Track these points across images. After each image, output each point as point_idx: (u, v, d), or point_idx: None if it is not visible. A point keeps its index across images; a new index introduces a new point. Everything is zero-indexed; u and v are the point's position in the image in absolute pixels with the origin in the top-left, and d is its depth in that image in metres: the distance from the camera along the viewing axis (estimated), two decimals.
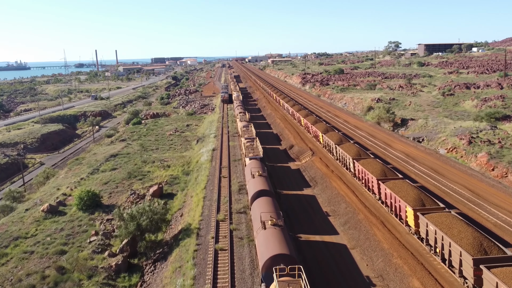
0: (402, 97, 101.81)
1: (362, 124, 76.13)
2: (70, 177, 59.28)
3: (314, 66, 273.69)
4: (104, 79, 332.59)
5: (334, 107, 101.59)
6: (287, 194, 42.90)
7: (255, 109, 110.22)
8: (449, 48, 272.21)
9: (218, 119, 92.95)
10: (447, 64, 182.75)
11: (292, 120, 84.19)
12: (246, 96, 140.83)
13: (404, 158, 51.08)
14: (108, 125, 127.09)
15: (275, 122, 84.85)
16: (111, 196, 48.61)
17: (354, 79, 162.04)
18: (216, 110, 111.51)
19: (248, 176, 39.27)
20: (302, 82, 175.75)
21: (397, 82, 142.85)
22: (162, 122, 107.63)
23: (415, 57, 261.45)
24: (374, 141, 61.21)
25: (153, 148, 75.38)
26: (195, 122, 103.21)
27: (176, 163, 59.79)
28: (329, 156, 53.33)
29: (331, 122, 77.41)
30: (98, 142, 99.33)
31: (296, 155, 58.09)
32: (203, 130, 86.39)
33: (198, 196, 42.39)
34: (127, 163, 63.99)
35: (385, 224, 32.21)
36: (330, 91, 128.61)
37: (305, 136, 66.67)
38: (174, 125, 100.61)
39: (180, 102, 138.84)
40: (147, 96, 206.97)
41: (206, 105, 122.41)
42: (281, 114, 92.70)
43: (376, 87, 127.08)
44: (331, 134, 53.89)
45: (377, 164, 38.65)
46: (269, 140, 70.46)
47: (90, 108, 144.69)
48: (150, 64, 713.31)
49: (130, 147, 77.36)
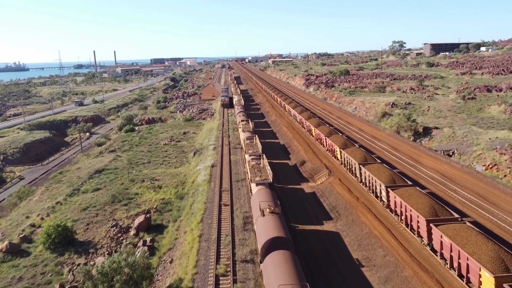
0: (418, 101, 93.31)
1: (379, 134, 67.65)
2: (45, 200, 50.78)
3: (317, 67, 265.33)
4: (101, 81, 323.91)
5: (344, 112, 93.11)
6: (304, 230, 34.41)
7: (258, 115, 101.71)
8: (456, 48, 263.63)
9: (218, 127, 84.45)
10: (458, 64, 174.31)
11: (300, 128, 75.71)
12: (247, 99, 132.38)
13: (440, 180, 42.58)
14: (100, 132, 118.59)
15: (281, 130, 76.33)
16: (88, 229, 40.11)
17: (361, 81, 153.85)
18: (216, 115, 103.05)
19: (256, 211, 30.81)
20: (306, 83, 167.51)
21: (407, 84, 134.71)
22: (157, 129, 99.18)
23: (422, 57, 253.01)
24: (399, 156, 52.70)
25: (144, 161, 66.90)
26: (193, 129, 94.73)
27: (168, 183, 51.28)
28: (349, 176, 44.82)
29: (345, 131, 68.92)
30: (87, 151, 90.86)
31: (309, 173, 49.58)
32: (201, 140, 77.90)
33: (193, 234, 33.90)
34: (113, 181, 55.51)
35: None
36: (337, 94, 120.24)
37: (317, 149, 58.12)
38: (170, 133, 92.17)
39: (177, 106, 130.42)
40: (144, 99, 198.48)
41: (205, 110, 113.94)
42: (287, 121, 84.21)
43: (386, 90, 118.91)
44: (352, 151, 45.29)
45: (421, 197, 30.11)
46: (276, 152, 61.97)
47: (82, 113, 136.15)
48: (149, 65, 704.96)
49: (119, 160, 68.88)
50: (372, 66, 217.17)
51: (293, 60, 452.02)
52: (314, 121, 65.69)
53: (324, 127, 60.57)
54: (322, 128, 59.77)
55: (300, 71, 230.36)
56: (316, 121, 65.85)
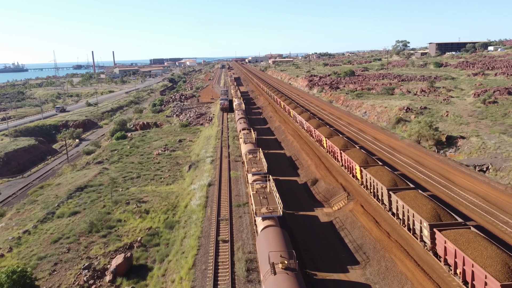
0: (433, 105, 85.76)
1: (398, 144, 60.07)
2: (12, 227, 43.19)
3: (319, 67, 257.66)
4: (98, 82, 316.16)
5: (354, 118, 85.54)
6: (324, 281, 26.82)
7: (260, 120, 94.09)
8: (463, 47, 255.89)
9: (217, 134, 76.85)
10: (468, 64, 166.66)
11: (308, 137, 68.10)
12: (248, 102, 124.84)
13: (488, 209, 34.92)
14: (91, 138, 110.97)
15: (287, 139, 68.71)
16: (55, 271, 32.50)
17: (367, 82, 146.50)
18: (215, 121, 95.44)
19: (264, 263, 23.20)
20: (309, 85, 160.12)
21: (416, 85, 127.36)
22: (151, 135, 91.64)
23: (427, 57, 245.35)
24: (427, 173, 45.08)
25: (133, 175, 59.30)
26: (190, 136, 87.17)
27: (157, 206, 43.66)
28: (374, 202, 37.23)
29: (359, 141, 61.33)
30: (73, 161, 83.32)
31: (323, 195, 41.96)
32: (198, 150, 70.33)
33: (182, 287, 26.36)
34: (95, 202, 47.97)
35: None
36: (343, 97, 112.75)
37: (330, 165, 50.47)
38: (165, 140, 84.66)
39: (174, 110, 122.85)
40: (140, 101, 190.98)
41: (203, 115, 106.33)
42: (293, 128, 76.63)
43: (395, 92, 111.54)
44: (377, 171, 37.50)
45: (486, 246, 22.46)
46: (282, 167, 54.37)
47: (73, 117, 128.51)
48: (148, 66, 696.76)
49: (106, 174, 61.30)
50: (377, 67, 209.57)
51: (293, 60, 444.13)
52: (324, 131, 58.04)
53: (337, 138, 52.83)
54: (335, 139, 52.05)
55: (302, 71, 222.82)
56: (327, 130, 58.18)
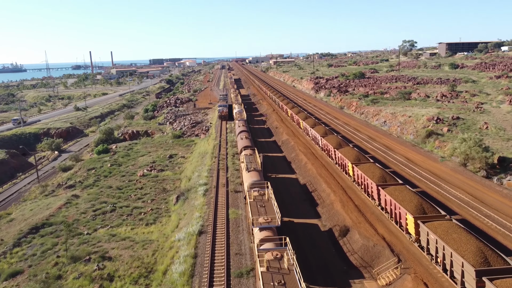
0: (466, 114, 73.46)
1: (440, 168, 47.75)
2: None
3: (323, 68, 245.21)
4: (92, 83, 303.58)
5: (374, 129, 73.33)
6: None
7: (264, 131, 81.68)
8: (474, 47, 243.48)
9: (213, 151, 64.48)
10: (486, 66, 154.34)
11: (324, 156, 55.76)
12: (249, 108, 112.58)
13: None
14: (74, 149, 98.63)
15: (298, 158, 56.30)
16: None
17: (379, 85, 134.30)
18: (212, 131, 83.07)
19: None
20: (315, 88, 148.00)
21: (433, 88, 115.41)
22: (138, 149, 79.37)
23: (438, 58, 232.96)
24: (500, 221, 32.69)
25: (107, 209, 46.99)
26: (182, 150, 74.90)
27: (126, 269, 31.25)
28: (439, 274, 24.94)
29: (390, 164, 49.01)
30: (46, 180, 71.04)
31: (360, 258, 29.51)
32: (190, 171, 58.02)
33: None
34: (47, 254, 35.69)
35: None
36: (356, 102, 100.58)
37: (363, 203, 37.96)
38: (153, 155, 72.47)
39: (167, 117, 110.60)
40: (134, 105, 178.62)
41: (198, 123, 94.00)
42: (304, 143, 64.29)
43: (412, 96, 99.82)
44: (446, 230, 25.08)
45: None
46: (295, 200, 42.04)
47: (56, 124, 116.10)
48: (147, 66, 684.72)
49: (74, 205, 49.00)
50: (386, 68, 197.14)
51: (295, 61, 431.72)
52: (349, 152, 45.54)
53: (370, 166, 39.88)
54: (366, 168, 39.27)
55: (306, 73, 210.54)
56: (352, 152, 45.59)
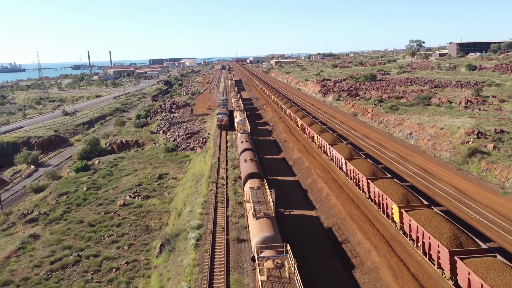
0: (508, 125, 62.23)
1: (504, 205, 36.43)
2: None
3: (328, 69, 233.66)
4: (87, 85, 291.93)
5: (402, 144, 62.01)
6: None
7: (270, 145, 70.20)
8: (487, 48, 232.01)
9: (211, 173, 52.96)
10: (508, 67, 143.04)
11: (349, 185, 44.38)
12: (252, 114, 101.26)
13: None
14: (54, 162, 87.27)
15: (316, 187, 44.86)
16: None
17: (392, 88, 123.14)
18: (210, 144, 71.63)
19: None
20: (322, 91, 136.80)
21: (454, 93, 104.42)
22: (124, 165, 68.13)
23: (449, 58, 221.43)
24: None
25: (69, 259, 35.68)
26: (174, 168, 63.59)
27: None
28: None
29: (437, 197, 37.72)
30: (11, 206, 59.74)
31: None
32: (181, 201, 46.65)
33: None
34: None
35: None
36: (372, 109, 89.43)
37: (422, 271, 26.77)
38: (140, 174, 61.27)
39: (161, 124, 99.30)
40: (128, 108, 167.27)
41: (195, 133, 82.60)
42: (322, 164, 52.81)
43: (432, 102, 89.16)
44: None
45: None
46: (320, 257, 30.70)
47: (38, 132, 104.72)
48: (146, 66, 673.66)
49: (30, 250, 37.76)
50: (396, 69, 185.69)
51: (297, 61, 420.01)
52: (393, 190, 33.93)
53: (431, 215, 28.21)
54: (427, 219, 27.67)
55: (311, 74, 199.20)
56: (398, 189, 33.74)
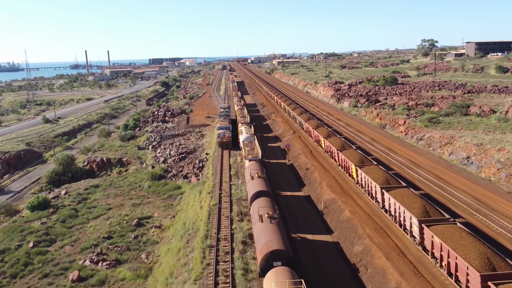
0: None
1: None
2: None
3: (336, 70, 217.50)
4: (79, 86, 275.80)
5: (465, 176, 45.94)
6: None
7: (286, 172, 53.80)
8: (508, 47, 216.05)
9: (208, 225, 36.85)
10: None
11: (424, 260, 28.37)
12: (258, 125, 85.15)
13: None
14: (16, 186, 71.17)
15: (374, 265, 28.71)
16: None
17: (418, 94, 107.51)
18: (208, 171, 55.30)
19: None
20: (336, 96, 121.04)
21: (492, 99, 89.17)
22: (96, 199, 52.09)
23: (469, 59, 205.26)
24: None
25: None
26: (160, 208, 47.46)
27: None
28: None
29: None
30: None
31: None
32: (162, 281, 30.73)
33: None
34: None
35: None
36: (406, 121, 73.62)
37: None
38: (113, 218, 45.27)
39: (150, 138, 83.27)
40: (119, 114, 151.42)
41: (190, 153, 66.40)
42: (369, 214, 36.60)
43: (470, 111, 74.66)
44: None
45: None
46: None
47: (7, 146, 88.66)
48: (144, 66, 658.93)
49: None
50: (412, 70, 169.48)
51: (300, 61, 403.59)
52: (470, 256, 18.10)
53: None
54: None
55: (319, 76, 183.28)
56: (479, 249, 18.22)
